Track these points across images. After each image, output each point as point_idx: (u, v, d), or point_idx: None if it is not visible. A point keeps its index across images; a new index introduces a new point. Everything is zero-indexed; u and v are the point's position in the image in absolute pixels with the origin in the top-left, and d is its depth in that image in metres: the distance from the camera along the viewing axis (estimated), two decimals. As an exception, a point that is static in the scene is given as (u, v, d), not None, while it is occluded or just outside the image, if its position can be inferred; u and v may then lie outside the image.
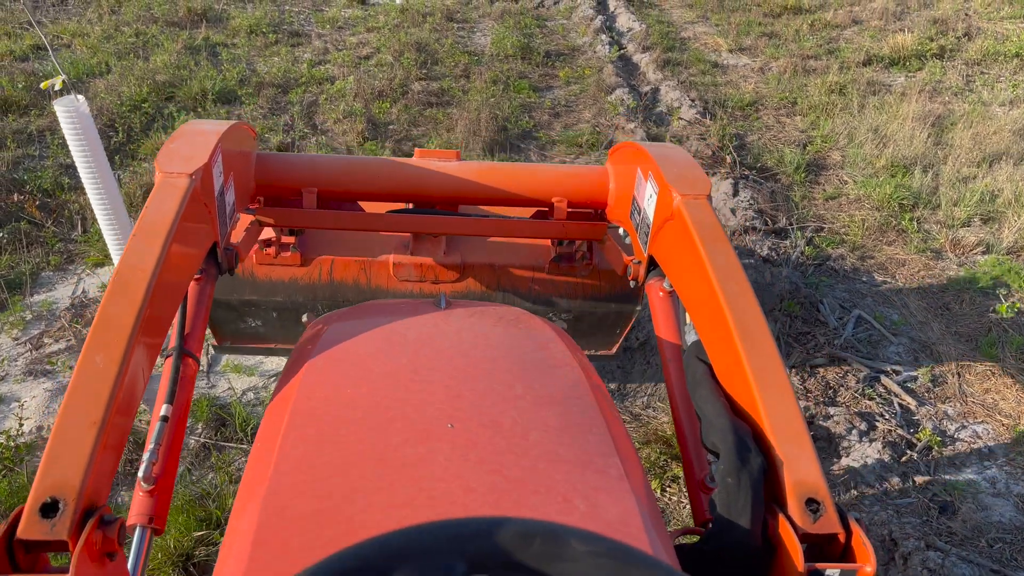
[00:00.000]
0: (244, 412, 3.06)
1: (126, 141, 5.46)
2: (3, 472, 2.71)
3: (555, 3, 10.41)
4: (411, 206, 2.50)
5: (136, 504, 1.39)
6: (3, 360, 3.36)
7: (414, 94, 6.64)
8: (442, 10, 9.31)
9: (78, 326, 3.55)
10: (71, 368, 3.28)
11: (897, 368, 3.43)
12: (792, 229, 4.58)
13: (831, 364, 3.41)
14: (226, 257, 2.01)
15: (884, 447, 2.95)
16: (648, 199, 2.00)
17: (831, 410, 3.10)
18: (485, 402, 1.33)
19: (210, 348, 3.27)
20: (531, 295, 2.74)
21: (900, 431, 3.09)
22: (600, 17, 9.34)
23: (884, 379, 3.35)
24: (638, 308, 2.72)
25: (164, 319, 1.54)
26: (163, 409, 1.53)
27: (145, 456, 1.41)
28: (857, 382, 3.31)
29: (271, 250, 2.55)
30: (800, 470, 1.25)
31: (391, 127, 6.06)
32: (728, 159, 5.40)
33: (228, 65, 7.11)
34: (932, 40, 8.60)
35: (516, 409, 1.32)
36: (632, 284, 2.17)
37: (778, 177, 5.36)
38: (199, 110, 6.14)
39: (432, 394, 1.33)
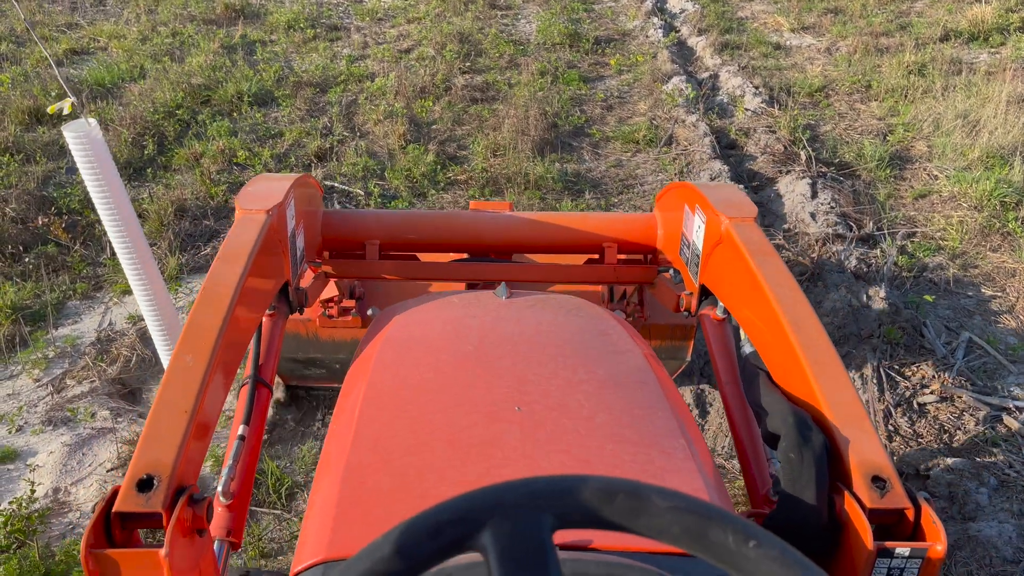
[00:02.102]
0: (278, 471, 2.75)
1: (158, 152, 5.20)
2: (14, 546, 2.45)
3: (602, -15, 9.92)
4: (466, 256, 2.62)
5: (215, 519, 1.45)
6: (22, 407, 3.10)
7: (457, 90, 6.27)
8: (485, -3, 8.91)
9: (103, 365, 3.28)
10: (92, 416, 3.01)
11: (1020, 403, 2.97)
12: (883, 236, 4.10)
13: (942, 401, 2.97)
14: (296, 296, 2.15)
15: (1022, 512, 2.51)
16: (696, 231, 2.08)
17: (950, 460, 2.66)
18: (551, 385, 1.37)
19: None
20: None
21: (1031, 482, 2.64)
22: (651, -1, 8.84)
23: (1007, 418, 2.90)
24: (687, 360, 2.79)
25: (241, 340, 1.64)
26: (240, 429, 1.62)
27: (224, 471, 1.49)
28: (976, 424, 2.87)
29: (333, 310, 2.67)
30: (863, 450, 1.24)
31: (434, 127, 5.70)
32: (803, 155, 4.92)
33: (264, 64, 6.82)
34: (1013, 12, 7.93)
35: (582, 392, 1.37)
36: (685, 315, 2.21)
37: (858, 173, 4.87)
38: (234, 114, 5.86)
39: (499, 378, 1.39)
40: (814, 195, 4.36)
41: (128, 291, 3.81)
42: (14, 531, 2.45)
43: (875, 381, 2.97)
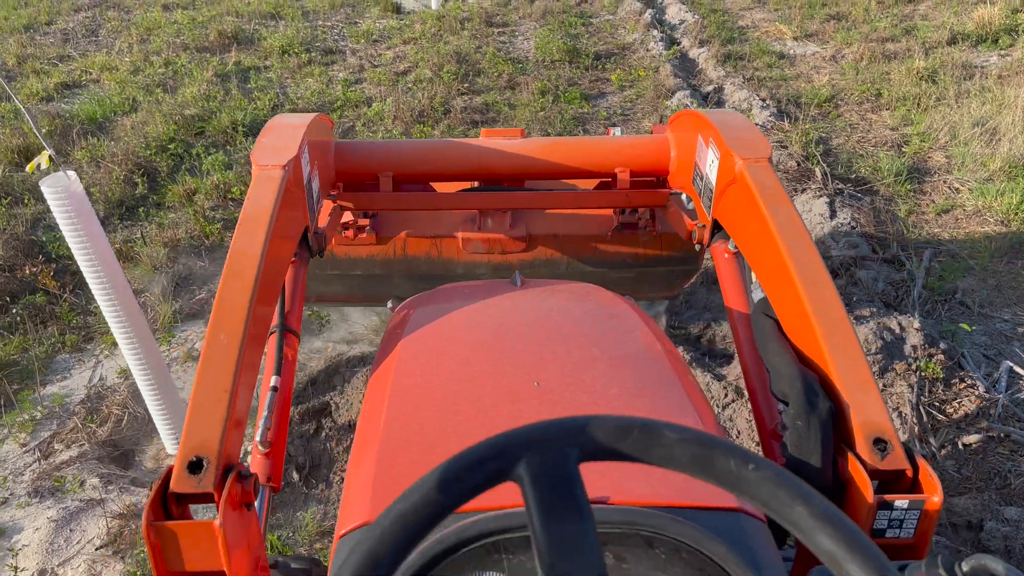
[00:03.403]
0: (279, 543, 2.56)
1: (150, 191, 5.04)
2: (-4, 640, 2.27)
3: (599, -2, 9.78)
4: (478, 184, 2.63)
5: (255, 465, 1.57)
6: (7, 477, 2.92)
7: (456, 112, 6.11)
8: (480, 14, 8.76)
9: (93, 426, 3.10)
10: (81, 485, 2.83)
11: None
12: (909, 257, 3.91)
13: (990, 441, 2.77)
14: (316, 240, 2.17)
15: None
16: (710, 164, 2.05)
17: (1007, 511, 2.46)
18: (566, 364, 1.45)
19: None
20: (595, 262, 2.87)
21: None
22: (649, 11, 8.70)
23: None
24: (699, 267, 2.86)
25: (271, 299, 1.70)
26: (272, 380, 1.69)
27: (260, 422, 1.58)
28: (1028, 465, 2.67)
29: (349, 233, 2.73)
30: (867, 413, 1.30)
31: (434, 153, 5.53)
32: (818, 171, 4.74)
33: (259, 92, 6.68)
34: (1020, 11, 7.76)
35: (596, 369, 1.44)
36: (697, 247, 2.22)
37: (876, 189, 4.68)
38: (229, 146, 5.71)
39: (517, 359, 1.47)
40: (833, 215, 4.18)
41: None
42: (-4, 623, 2.27)
43: (916, 420, 2.78)
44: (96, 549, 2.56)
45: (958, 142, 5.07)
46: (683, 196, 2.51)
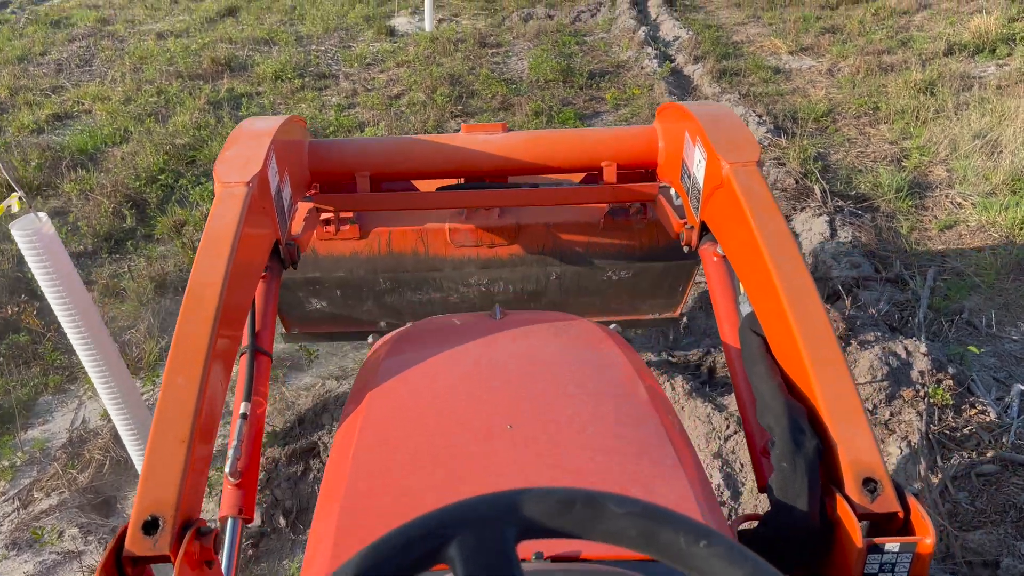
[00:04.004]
0: None
1: (139, 223, 4.96)
2: None
3: (592, 16, 9.76)
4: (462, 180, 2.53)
5: (226, 497, 1.50)
6: (-17, 528, 2.83)
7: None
8: (474, 35, 8.73)
9: (73, 472, 3.00)
10: (60, 535, 2.73)
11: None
12: (914, 277, 3.81)
13: (1004, 470, 2.66)
14: (288, 252, 2.08)
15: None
16: (697, 164, 1.98)
17: (1022, 545, 2.35)
18: (542, 401, 1.43)
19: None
20: (587, 253, 2.79)
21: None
22: (643, 28, 8.66)
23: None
24: (684, 247, 2.58)
25: (237, 326, 1.61)
26: (242, 407, 1.61)
27: (230, 453, 1.51)
28: (1045, 496, 2.56)
29: (331, 228, 2.63)
30: (856, 449, 1.24)
31: (427, 177, 5.47)
32: (816, 188, 4.65)
33: (251, 120, 6.62)
34: (1016, 21, 7.71)
35: (572, 406, 1.41)
36: (686, 249, 2.14)
37: (877, 205, 4.59)
38: (220, 175, 5.63)
39: (492, 398, 1.44)
40: (833, 233, 4.09)
41: (104, 382, 3.54)
42: None
43: (925, 450, 2.67)
44: (72, 606, 2.46)
45: (959, 155, 4.98)
46: (671, 191, 2.44)
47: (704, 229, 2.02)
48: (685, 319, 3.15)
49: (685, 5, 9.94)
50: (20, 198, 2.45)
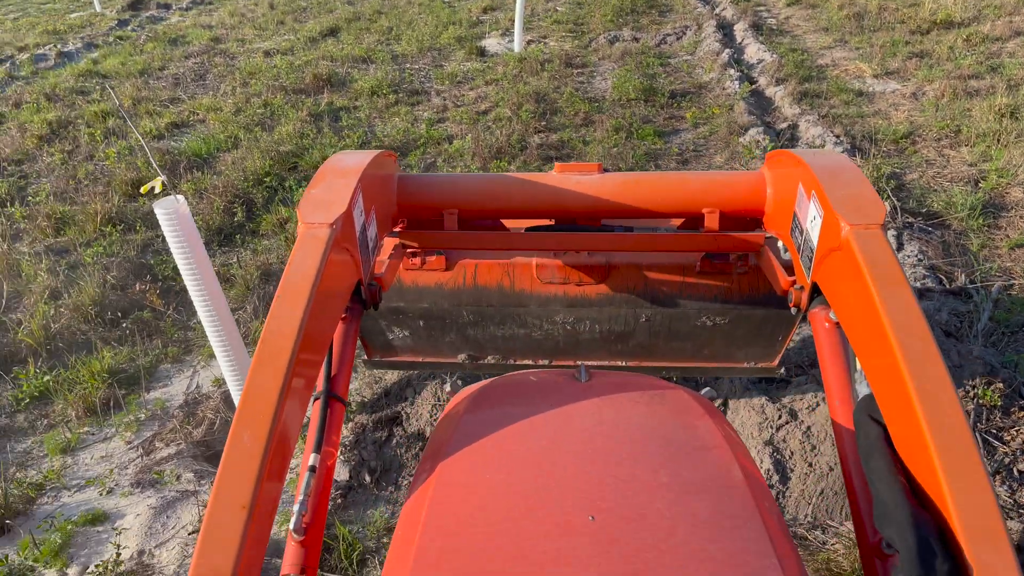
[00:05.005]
0: (350, 536, 2.78)
1: (247, 219, 5.45)
2: (101, 608, 2.55)
3: (678, 39, 9.97)
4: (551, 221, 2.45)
5: (288, 554, 1.43)
6: (113, 469, 3.25)
7: (532, 148, 6.37)
8: (560, 56, 9.07)
9: (189, 427, 3.41)
10: (178, 478, 3.13)
11: None
12: (977, 290, 3.90)
13: (1048, 469, 2.76)
14: (369, 293, 2.02)
15: None
16: (811, 220, 1.80)
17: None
18: (629, 490, 1.30)
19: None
20: (680, 297, 2.65)
21: None
22: (727, 50, 8.82)
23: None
24: (792, 309, 2.35)
25: (312, 374, 1.54)
26: (311, 459, 1.53)
27: (296, 508, 1.43)
28: (1086, 494, 2.66)
29: (416, 260, 2.62)
30: None
31: (510, 186, 5.79)
32: (887, 205, 4.76)
33: (348, 131, 7.11)
34: (1116, 46, 7.55)
35: (662, 499, 1.28)
36: (793, 311, 1.97)
37: (948, 223, 4.67)
38: (319, 180, 6.10)
39: (573, 480, 1.32)
40: (900, 247, 4.20)
41: (215, 355, 3.98)
42: (100, 593, 2.56)
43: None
44: (189, 534, 2.84)
45: (1038, 178, 4.99)
46: (779, 243, 2.24)
47: (815, 290, 1.85)
48: (783, 371, 3.02)
49: (772, 29, 10.04)
50: (163, 181, 2.86)
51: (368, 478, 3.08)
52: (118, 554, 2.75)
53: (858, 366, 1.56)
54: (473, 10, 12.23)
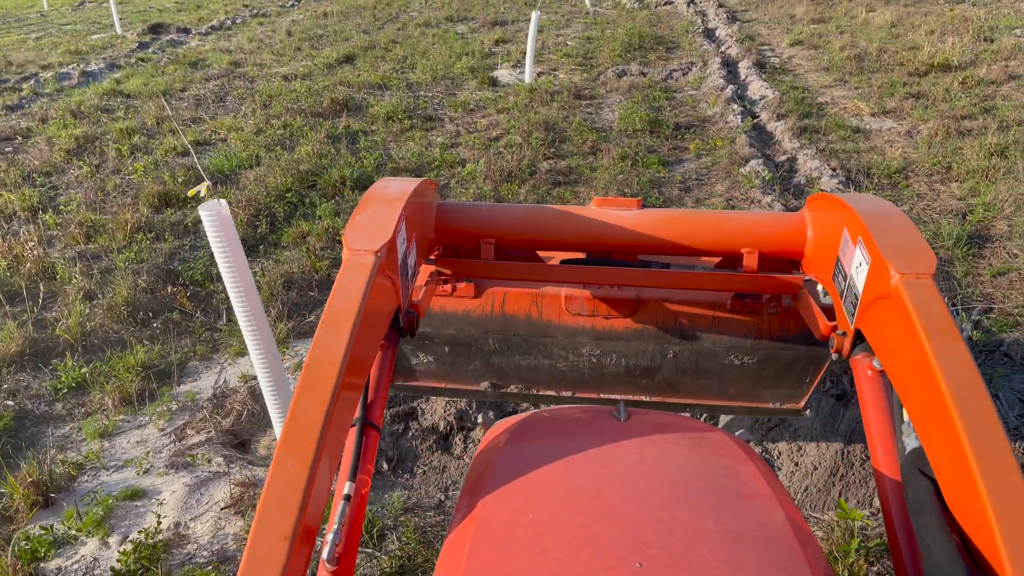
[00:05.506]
0: (370, 514, 3.01)
1: (269, 231, 5.73)
2: (140, 571, 2.77)
3: (684, 75, 10.34)
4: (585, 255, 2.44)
5: None
6: (149, 452, 3.49)
7: (542, 174, 6.67)
8: (570, 88, 9.42)
9: (218, 418, 3.65)
10: (209, 461, 3.36)
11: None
12: (957, 311, 4.16)
13: (1014, 471, 2.99)
14: (407, 320, 1.99)
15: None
16: (857, 267, 1.76)
17: None
18: (674, 536, 1.26)
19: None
20: (710, 334, 2.62)
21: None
22: (731, 87, 9.16)
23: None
24: (834, 355, 2.32)
25: (353, 401, 1.54)
26: (346, 487, 1.50)
27: (329, 537, 1.38)
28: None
29: (447, 287, 2.61)
30: None
31: (520, 208, 6.07)
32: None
33: (365, 152, 7.42)
34: (1105, 92, 7.87)
35: (708, 547, 1.24)
36: (835, 357, 1.92)
37: (936, 252, 4.93)
38: (338, 197, 6.39)
39: (617, 523, 1.29)
40: (888, 272, 4.45)
41: (240, 353, 4.22)
42: (141, 558, 2.78)
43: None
44: (221, 509, 3.07)
45: (1023, 212, 5.27)
46: (819, 287, 2.24)
47: (858, 336, 1.80)
48: (808, 412, 2.99)
49: (775, 67, 10.39)
50: (208, 186, 3.13)
51: (386, 466, 3.31)
52: (159, 522, 2.97)
53: (905, 417, 1.54)
54: (485, 42, 12.65)
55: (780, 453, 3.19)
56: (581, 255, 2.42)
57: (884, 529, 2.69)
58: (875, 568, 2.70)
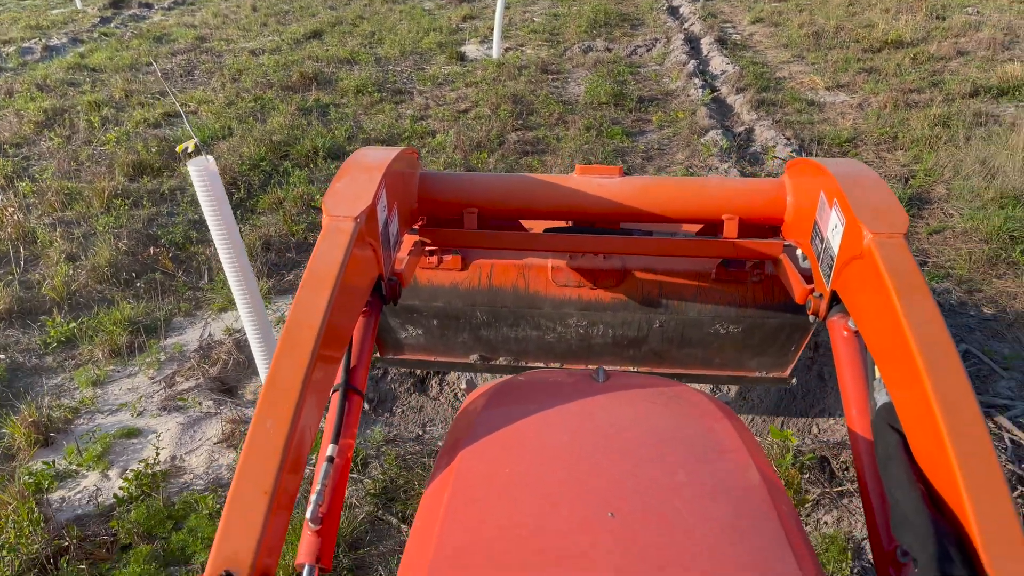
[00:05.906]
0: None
1: (246, 197, 5.89)
2: (142, 497, 2.98)
3: (648, 50, 10.59)
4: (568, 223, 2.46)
5: (304, 544, 1.41)
6: (141, 398, 3.69)
7: (510, 144, 6.89)
8: (537, 63, 9.63)
9: (206, 366, 3.86)
10: (200, 404, 3.57)
11: (1009, 403, 3.30)
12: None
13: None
14: (389, 287, 2.02)
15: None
16: (832, 229, 1.80)
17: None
18: (647, 490, 1.30)
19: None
20: (695, 304, 2.66)
21: (1011, 466, 2.97)
22: (693, 62, 9.44)
23: (996, 416, 3.24)
24: (811, 317, 2.33)
25: (333, 365, 1.58)
26: (329, 449, 1.52)
27: (312, 498, 1.41)
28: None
29: (433, 259, 2.65)
30: None
31: (489, 176, 6.30)
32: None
33: (337, 124, 7.57)
34: (1045, 68, 8.27)
35: (681, 499, 1.28)
36: (812, 319, 1.97)
37: (879, 212, 5.27)
38: (311, 166, 6.56)
39: (592, 477, 1.33)
40: (834, 230, 4.77)
41: (224, 309, 4.42)
42: (142, 484, 3.00)
43: (876, 382, 3.35)
44: (214, 443, 3.29)
45: (960, 177, 5.63)
46: (798, 251, 2.24)
47: (834, 298, 1.84)
48: (794, 381, 3.00)
49: (736, 44, 10.68)
50: (196, 143, 3.32)
51: (367, 407, 3.55)
52: (157, 453, 3.19)
53: (876, 374, 1.57)
54: (453, 18, 12.77)
55: (729, 389, 3.49)
56: (564, 223, 2.45)
57: (815, 448, 3.00)
58: (806, 476, 3.01)
